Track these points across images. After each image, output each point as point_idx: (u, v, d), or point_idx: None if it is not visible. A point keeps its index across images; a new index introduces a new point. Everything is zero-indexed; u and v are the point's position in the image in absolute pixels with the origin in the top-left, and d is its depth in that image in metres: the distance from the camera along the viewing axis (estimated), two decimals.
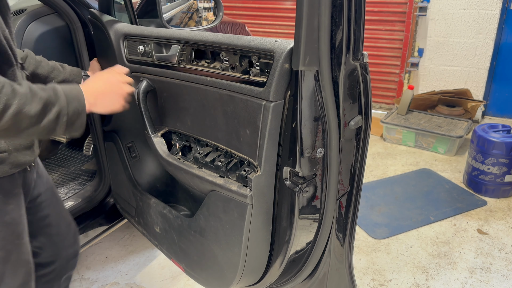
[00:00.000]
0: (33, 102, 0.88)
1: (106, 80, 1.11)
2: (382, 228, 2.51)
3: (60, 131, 0.94)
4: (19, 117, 0.85)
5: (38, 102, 0.88)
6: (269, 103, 0.97)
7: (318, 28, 0.88)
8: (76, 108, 0.96)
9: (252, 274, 1.22)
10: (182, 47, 1.23)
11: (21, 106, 0.85)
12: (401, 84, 4.36)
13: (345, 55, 0.93)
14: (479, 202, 2.79)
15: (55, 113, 0.91)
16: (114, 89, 1.10)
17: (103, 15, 1.50)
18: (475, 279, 2.08)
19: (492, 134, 2.76)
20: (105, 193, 1.95)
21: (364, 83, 1.01)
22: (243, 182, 1.10)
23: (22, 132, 0.88)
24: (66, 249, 1.42)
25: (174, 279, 2.10)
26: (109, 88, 1.09)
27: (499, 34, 3.83)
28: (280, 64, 0.93)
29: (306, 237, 1.14)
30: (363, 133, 1.06)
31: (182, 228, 1.36)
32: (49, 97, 0.91)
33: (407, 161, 3.41)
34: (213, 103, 1.15)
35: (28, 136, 0.95)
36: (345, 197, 1.12)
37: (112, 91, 1.10)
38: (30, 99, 0.87)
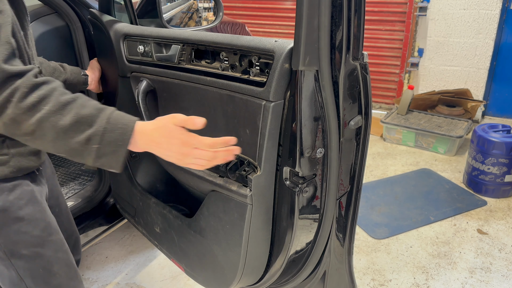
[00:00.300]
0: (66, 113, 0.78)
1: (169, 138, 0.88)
2: (382, 228, 2.51)
3: (89, 159, 0.83)
4: (45, 125, 0.78)
5: (71, 115, 0.79)
6: (269, 103, 0.97)
7: (318, 28, 0.88)
8: (114, 139, 0.82)
9: (252, 274, 1.22)
10: (182, 47, 1.23)
11: (49, 113, 0.77)
12: (401, 84, 4.36)
13: (345, 55, 0.93)
14: (479, 202, 2.79)
15: (86, 136, 0.80)
16: (177, 150, 0.89)
17: (103, 15, 1.50)
18: (475, 279, 2.08)
19: (492, 134, 2.76)
20: (105, 193, 1.95)
21: (364, 83, 1.01)
22: (243, 182, 1.10)
23: (47, 144, 0.81)
24: None
25: (174, 279, 2.10)
26: (169, 146, 0.88)
27: (499, 34, 3.83)
28: (280, 64, 0.93)
29: (306, 237, 1.14)
30: (363, 133, 1.06)
31: (182, 228, 1.36)
32: (89, 115, 0.80)
33: (407, 161, 3.41)
34: (213, 103, 1.15)
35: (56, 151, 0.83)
36: (345, 197, 1.12)
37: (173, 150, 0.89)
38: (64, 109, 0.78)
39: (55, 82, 0.83)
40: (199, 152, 0.88)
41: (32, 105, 0.77)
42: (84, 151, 0.81)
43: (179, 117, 0.88)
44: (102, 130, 0.81)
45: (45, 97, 0.78)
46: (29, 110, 0.77)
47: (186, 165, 0.91)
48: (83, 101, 0.83)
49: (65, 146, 0.81)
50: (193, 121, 0.87)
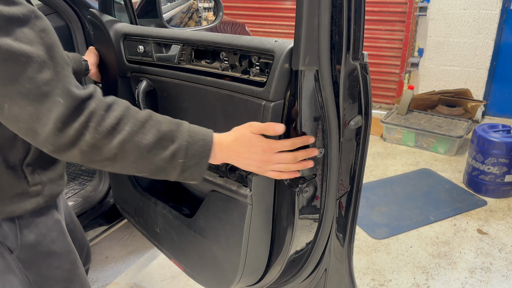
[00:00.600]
0: (147, 131, 0.76)
1: (249, 146, 0.88)
2: (382, 228, 2.51)
3: (174, 174, 0.81)
4: (128, 146, 0.75)
5: (153, 132, 0.77)
6: (269, 103, 0.97)
7: (318, 28, 0.88)
8: (197, 152, 0.82)
9: (252, 274, 1.22)
10: (182, 47, 1.23)
11: (132, 133, 0.75)
12: (401, 84, 4.36)
13: (345, 55, 0.93)
14: (479, 202, 2.79)
15: (171, 151, 0.78)
16: (258, 157, 0.88)
17: (103, 15, 1.49)
18: (475, 279, 2.08)
19: (492, 134, 2.76)
20: (104, 193, 1.95)
21: (364, 83, 1.00)
22: (243, 182, 1.10)
23: (128, 165, 0.78)
24: None
25: (174, 279, 2.10)
26: (250, 154, 0.88)
27: (499, 34, 3.83)
28: (280, 64, 0.93)
29: (306, 237, 1.14)
30: (363, 133, 1.06)
31: (182, 228, 1.36)
32: (170, 131, 0.79)
33: (407, 161, 3.41)
34: (213, 103, 1.15)
35: (137, 172, 0.80)
36: (345, 197, 1.12)
37: (254, 158, 0.88)
38: (144, 127, 0.77)
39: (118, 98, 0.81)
40: (280, 156, 0.88)
41: (112, 127, 0.74)
42: (168, 167, 0.80)
43: (256, 125, 0.88)
44: (186, 144, 0.80)
45: (123, 116, 0.76)
46: (110, 133, 0.74)
47: (265, 173, 0.90)
48: (156, 116, 0.82)
49: (149, 165, 0.79)
50: (273, 127, 0.87)
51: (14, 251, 0.93)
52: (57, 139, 0.71)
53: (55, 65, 0.73)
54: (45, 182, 0.96)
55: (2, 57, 0.67)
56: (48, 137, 0.71)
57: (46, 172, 0.96)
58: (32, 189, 0.93)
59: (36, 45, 0.72)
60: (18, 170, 0.90)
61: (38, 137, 0.72)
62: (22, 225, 0.94)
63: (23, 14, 0.72)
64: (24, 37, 0.71)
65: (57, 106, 0.70)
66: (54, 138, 0.71)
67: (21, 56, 0.69)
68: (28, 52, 0.70)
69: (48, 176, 0.97)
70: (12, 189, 0.90)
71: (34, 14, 0.74)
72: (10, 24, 0.69)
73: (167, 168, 0.80)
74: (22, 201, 0.91)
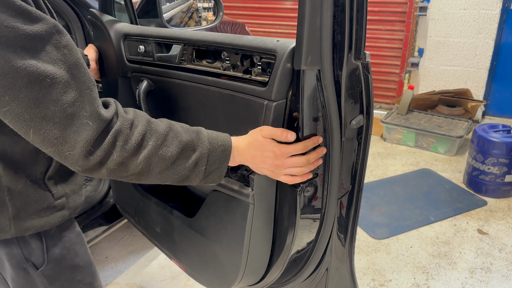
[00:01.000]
0: (170, 144, 0.78)
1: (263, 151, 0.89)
2: (382, 228, 2.51)
3: (196, 180, 0.84)
4: (153, 160, 0.77)
5: (175, 144, 0.79)
6: (271, 102, 0.97)
7: (320, 28, 0.88)
8: (218, 157, 0.85)
9: (253, 273, 1.22)
10: (183, 47, 1.22)
11: (156, 148, 0.77)
12: (401, 84, 4.36)
13: (347, 54, 0.93)
14: (479, 202, 2.79)
15: (193, 160, 0.81)
16: (271, 162, 0.89)
17: (103, 15, 1.49)
18: (475, 279, 2.08)
19: (492, 134, 2.76)
20: (104, 193, 1.95)
21: (366, 83, 1.00)
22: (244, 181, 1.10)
23: (153, 177, 0.79)
24: None
25: (174, 279, 2.10)
26: (263, 158, 0.89)
27: (499, 34, 3.83)
28: (282, 64, 0.93)
29: (307, 236, 1.14)
30: (364, 132, 1.06)
31: (183, 228, 1.36)
32: (191, 140, 0.82)
33: (407, 161, 3.41)
34: (215, 103, 1.15)
35: (160, 181, 0.82)
36: (346, 197, 1.12)
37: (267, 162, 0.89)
38: (166, 139, 0.78)
39: (136, 110, 0.82)
40: (292, 160, 0.89)
41: (138, 144, 0.75)
42: (191, 175, 0.82)
43: (267, 129, 0.89)
44: (207, 152, 0.83)
45: (145, 132, 0.77)
46: (137, 150, 0.75)
47: (278, 177, 0.91)
48: (175, 126, 0.83)
49: (173, 175, 0.81)
50: (286, 135, 0.88)
51: (40, 267, 0.93)
52: (86, 161, 0.72)
53: (80, 85, 0.72)
54: (68, 193, 0.95)
55: (28, 79, 0.66)
56: (78, 159, 0.71)
57: (68, 184, 0.96)
58: (57, 202, 0.93)
59: (59, 64, 0.70)
60: (41, 184, 0.89)
61: (66, 159, 0.72)
62: (48, 240, 0.93)
63: (46, 31, 0.70)
64: (47, 57, 0.69)
65: (85, 129, 0.70)
66: (83, 161, 0.71)
67: (46, 78, 0.67)
68: (52, 73, 0.68)
69: (71, 188, 0.96)
70: (38, 203, 0.89)
71: (55, 29, 0.72)
72: (33, 44, 0.67)
73: (190, 175, 0.82)
74: (49, 215, 0.91)
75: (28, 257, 0.91)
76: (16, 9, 0.66)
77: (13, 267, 0.92)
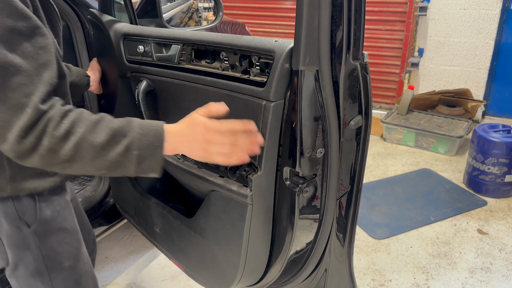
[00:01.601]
0: (100, 130, 0.81)
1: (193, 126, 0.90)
2: (382, 228, 2.51)
3: (131, 167, 0.84)
4: (83, 147, 0.79)
5: (105, 131, 0.81)
6: (269, 103, 0.97)
7: (318, 28, 0.88)
8: (151, 142, 0.84)
9: (252, 274, 1.22)
10: (182, 47, 1.23)
11: (85, 133, 0.79)
12: (401, 84, 4.36)
13: (345, 55, 0.93)
14: (479, 202, 2.79)
15: (124, 146, 0.82)
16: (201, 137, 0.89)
17: (103, 15, 1.49)
18: (475, 279, 2.08)
19: (492, 134, 2.76)
20: (104, 193, 1.95)
21: (364, 83, 1.00)
22: (243, 182, 1.10)
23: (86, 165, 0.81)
24: None
25: (174, 279, 2.10)
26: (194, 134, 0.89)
27: (499, 34, 3.83)
28: (280, 64, 0.93)
29: (306, 237, 1.14)
30: (363, 133, 1.06)
31: (182, 228, 1.36)
32: (121, 126, 0.83)
33: (407, 161, 3.41)
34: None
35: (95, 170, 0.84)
36: (345, 197, 1.12)
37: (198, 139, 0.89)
38: (96, 127, 0.81)
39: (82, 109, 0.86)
40: (221, 137, 0.89)
41: (67, 131, 0.78)
42: (124, 161, 0.83)
43: (202, 108, 0.91)
44: (138, 136, 0.84)
45: (76, 120, 0.80)
46: (66, 136, 0.78)
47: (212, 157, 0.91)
48: (108, 117, 0.86)
49: (106, 162, 0.82)
50: (215, 107, 0.91)
51: (32, 225, 1.02)
52: (19, 146, 0.76)
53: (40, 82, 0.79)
54: None
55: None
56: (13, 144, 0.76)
57: None
58: None
59: (29, 60, 0.77)
60: None
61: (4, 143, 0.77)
62: (41, 201, 1.02)
63: (27, 28, 0.78)
64: (20, 51, 0.76)
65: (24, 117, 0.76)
66: (17, 146, 0.77)
67: (11, 67, 0.75)
68: (19, 65, 0.76)
69: None
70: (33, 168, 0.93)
71: (38, 30, 0.80)
72: (11, 36, 0.76)
73: (123, 162, 0.83)
74: (42, 179, 1.00)
75: (21, 216, 1.00)
76: (5, 3, 0.75)
77: (8, 224, 1.00)
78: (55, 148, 0.77)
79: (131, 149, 0.82)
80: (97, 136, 0.80)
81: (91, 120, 0.82)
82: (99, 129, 0.81)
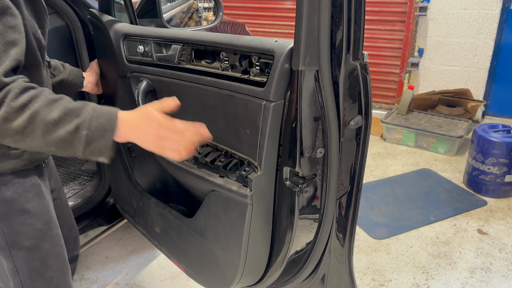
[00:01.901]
0: (55, 108, 0.84)
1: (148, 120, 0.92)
2: (382, 228, 2.51)
3: (79, 147, 0.86)
4: (35, 121, 0.82)
5: (59, 109, 0.84)
6: (269, 103, 0.97)
7: (318, 28, 0.88)
8: (101, 125, 0.87)
9: (252, 274, 1.22)
10: (182, 47, 1.23)
11: (40, 109, 0.82)
12: (401, 84, 4.36)
13: (345, 55, 0.93)
14: (479, 202, 2.79)
15: (74, 125, 0.84)
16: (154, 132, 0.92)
17: (103, 15, 1.49)
18: (475, 279, 2.08)
19: (492, 134, 2.75)
20: (105, 193, 1.95)
21: (364, 83, 1.00)
22: (243, 182, 1.10)
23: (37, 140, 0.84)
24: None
25: (174, 279, 2.10)
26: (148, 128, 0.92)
27: (499, 34, 3.83)
28: (280, 64, 0.93)
29: (306, 237, 1.14)
30: (363, 133, 1.06)
31: (182, 228, 1.36)
32: (74, 107, 0.86)
33: (407, 161, 3.41)
34: (213, 103, 1.15)
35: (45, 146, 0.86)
36: (345, 197, 1.12)
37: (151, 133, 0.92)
38: (52, 105, 0.84)
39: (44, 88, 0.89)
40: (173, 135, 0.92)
41: (23, 104, 0.81)
42: (74, 140, 0.85)
43: (156, 103, 0.95)
44: (90, 117, 0.86)
45: (35, 96, 0.84)
46: (21, 108, 0.81)
47: (164, 151, 0.94)
48: (69, 98, 0.89)
49: (55, 139, 0.84)
50: (166, 103, 0.95)
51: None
52: None
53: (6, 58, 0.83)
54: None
55: None
56: None
57: None
58: (12, 152, 1.02)
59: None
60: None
61: None
62: (1, 183, 1.04)
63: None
64: None
65: None
66: None
67: None
68: None
69: None
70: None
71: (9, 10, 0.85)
72: None
73: (73, 141, 0.85)
74: (3, 161, 1.02)
75: None
76: None
77: None
78: (10, 118, 0.81)
79: (80, 128, 0.85)
80: (50, 112, 0.83)
81: (49, 98, 0.85)
82: (54, 106, 0.84)
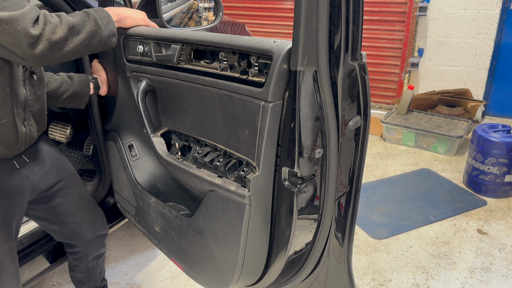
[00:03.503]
0: (76, 14, 1.14)
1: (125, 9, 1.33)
2: (382, 228, 2.51)
3: (102, 30, 1.17)
4: (71, 26, 1.08)
5: (80, 14, 1.15)
6: (267, 103, 0.97)
7: (317, 29, 0.88)
8: (104, 15, 1.20)
9: (251, 274, 1.22)
10: (181, 47, 1.23)
11: (68, 17, 1.10)
12: (401, 84, 4.36)
13: (344, 55, 0.93)
14: (479, 202, 2.79)
15: (93, 19, 1.16)
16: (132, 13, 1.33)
17: None
18: (475, 279, 2.08)
19: (492, 134, 2.75)
20: (105, 192, 1.95)
21: (363, 84, 1.01)
22: (241, 182, 1.10)
23: (76, 39, 1.10)
24: (85, 235, 1.58)
25: (174, 279, 2.10)
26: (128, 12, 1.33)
27: (499, 34, 3.83)
28: (278, 65, 0.93)
29: (305, 237, 1.14)
30: (362, 133, 1.06)
31: (182, 228, 1.36)
32: (85, 12, 1.17)
33: (407, 161, 3.41)
34: (212, 103, 1.15)
35: (82, 42, 1.12)
36: (344, 198, 1.12)
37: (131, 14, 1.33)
38: (73, 15, 1.13)
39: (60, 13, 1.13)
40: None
41: (59, 18, 1.07)
42: (96, 29, 1.16)
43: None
44: (95, 13, 1.19)
45: (60, 14, 1.10)
46: (59, 22, 1.06)
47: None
48: (75, 12, 1.19)
49: (87, 32, 1.14)
50: None
51: None
52: (32, 31, 0.98)
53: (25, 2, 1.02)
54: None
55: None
56: (25, 35, 0.98)
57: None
58: None
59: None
60: None
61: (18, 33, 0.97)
62: None
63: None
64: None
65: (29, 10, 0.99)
66: (29, 35, 0.98)
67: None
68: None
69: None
70: None
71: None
72: None
73: (96, 30, 1.16)
74: None
75: None
76: None
77: None
78: (55, 31, 1.03)
79: (97, 20, 1.17)
80: (75, 19, 1.11)
81: (67, 15, 1.11)
82: (73, 15, 1.13)
